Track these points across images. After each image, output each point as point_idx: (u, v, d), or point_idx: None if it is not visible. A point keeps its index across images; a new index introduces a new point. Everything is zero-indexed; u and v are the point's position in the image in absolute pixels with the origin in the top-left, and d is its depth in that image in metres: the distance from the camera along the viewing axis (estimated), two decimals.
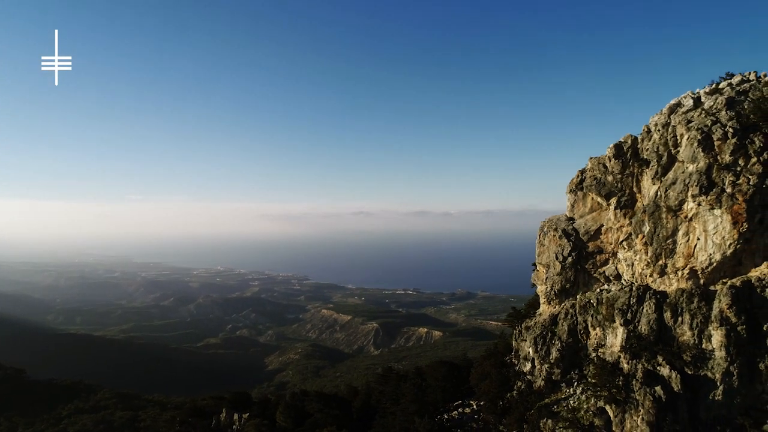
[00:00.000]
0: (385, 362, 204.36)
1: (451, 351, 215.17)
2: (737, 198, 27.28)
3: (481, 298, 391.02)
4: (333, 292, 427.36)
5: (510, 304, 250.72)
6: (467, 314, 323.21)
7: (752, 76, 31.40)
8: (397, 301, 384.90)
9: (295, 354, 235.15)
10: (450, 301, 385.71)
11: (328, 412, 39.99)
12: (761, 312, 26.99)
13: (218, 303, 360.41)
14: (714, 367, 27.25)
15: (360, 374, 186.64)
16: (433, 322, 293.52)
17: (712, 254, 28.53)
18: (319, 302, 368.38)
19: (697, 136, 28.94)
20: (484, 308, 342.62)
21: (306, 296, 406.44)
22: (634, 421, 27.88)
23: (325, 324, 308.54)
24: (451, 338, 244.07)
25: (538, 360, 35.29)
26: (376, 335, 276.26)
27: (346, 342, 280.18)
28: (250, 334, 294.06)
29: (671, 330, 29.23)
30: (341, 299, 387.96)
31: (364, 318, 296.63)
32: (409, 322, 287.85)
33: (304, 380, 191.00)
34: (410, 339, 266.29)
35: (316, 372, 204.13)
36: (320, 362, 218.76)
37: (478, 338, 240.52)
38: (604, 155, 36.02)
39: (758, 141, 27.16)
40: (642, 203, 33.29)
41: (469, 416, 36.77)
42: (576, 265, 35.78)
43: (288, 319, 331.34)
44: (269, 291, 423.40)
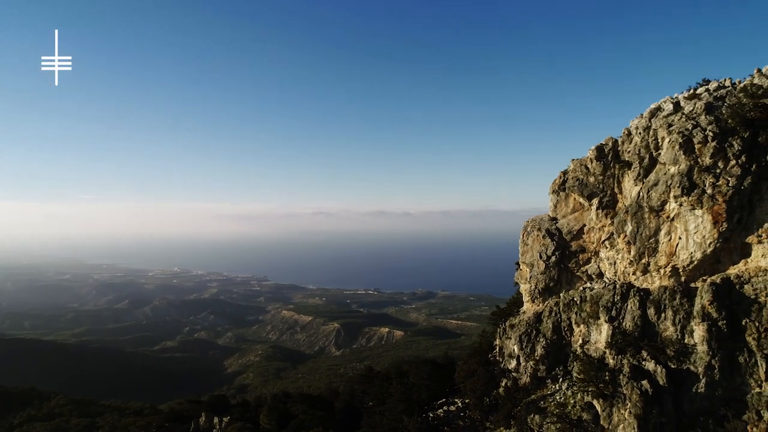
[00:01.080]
0: (347, 362, 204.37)
1: (413, 350, 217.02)
2: (717, 199, 28.53)
3: (441, 297, 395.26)
4: (293, 292, 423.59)
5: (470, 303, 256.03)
6: (428, 313, 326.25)
7: (728, 82, 32.89)
8: (358, 301, 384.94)
9: (255, 356, 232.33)
10: (411, 300, 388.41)
11: (313, 413, 39.70)
12: (740, 308, 28.31)
13: (175, 305, 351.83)
14: (696, 361, 28.41)
15: (322, 375, 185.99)
16: (394, 322, 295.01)
17: (693, 253, 29.76)
18: (280, 303, 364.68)
19: (678, 139, 30.08)
20: (444, 307, 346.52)
21: (266, 297, 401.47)
22: (621, 415, 28.78)
23: (285, 325, 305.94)
24: (413, 338, 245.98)
25: (523, 357, 35.98)
26: (337, 336, 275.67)
27: (307, 343, 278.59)
28: (209, 336, 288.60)
29: (655, 326, 30.32)
30: (302, 300, 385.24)
31: (325, 318, 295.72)
32: (371, 322, 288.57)
33: (264, 382, 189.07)
34: (372, 339, 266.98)
35: (277, 374, 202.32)
36: (281, 364, 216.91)
37: (439, 337, 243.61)
38: (586, 157, 37.05)
39: (737, 144, 28.46)
40: (623, 204, 34.40)
41: (455, 414, 37.16)
42: (559, 264, 36.67)
43: (248, 321, 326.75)
44: (228, 292, 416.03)
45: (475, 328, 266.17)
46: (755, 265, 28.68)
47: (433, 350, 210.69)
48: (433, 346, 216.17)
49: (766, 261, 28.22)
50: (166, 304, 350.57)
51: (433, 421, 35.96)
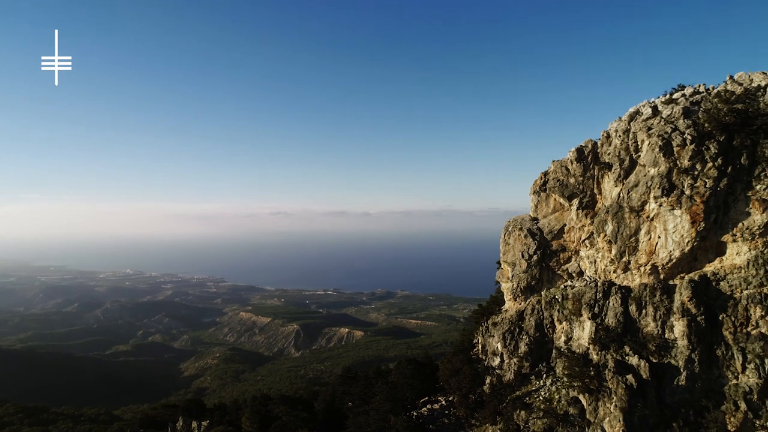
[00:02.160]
0: (307, 364, 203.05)
1: (373, 350, 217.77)
2: (695, 199, 29.83)
3: (400, 297, 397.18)
4: (251, 294, 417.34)
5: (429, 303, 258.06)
6: (387, 313, 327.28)
7: (702, 88, 34.43)
8: (317, 301, 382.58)
9: (212, 359, 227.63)
10: (370, 300, 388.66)
11: (296, 414, 39.26)
12: (717, 303, 29.70)
13: (128, 308, 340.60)
14: (677, 355, 29.61)
15: (283, 377, 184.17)
16: (354, 322, 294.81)
17: (672, 251, 31.00)
18: (237, 305, 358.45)
19: (658, 142, 31.28)
20: (403, 307, 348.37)
21: (223, 299, 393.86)
22: (607, 408, 29.69)
23: (243, 327, 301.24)
24: (373, 337, 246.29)
25: (506, 354, 36.60)
26: (296, 337, 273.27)
27: (266, 344, 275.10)
28: (164, 339, 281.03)
29: (636, 322, 31.44)
30: (260, 301, 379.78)
31: (284, 320, 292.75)
32: (330, 323, 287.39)
33: (223, 385, 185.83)
34: (331, 339, 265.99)
35: (236, 376, 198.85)
36: (240, 366, 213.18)
37: (399, 337, 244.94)
38: (566, 158, 38.03)
39: (713, 148, 29.81)
40: (603, 204, 35.49)
41: (440, 412, 37.46)
42: (541, 262, 37.49)
43: (204, 323, 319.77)
44: (183, 294, 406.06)
45: (434, 327, 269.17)
46: (730, 263, 30.13)
47: (393, 350, 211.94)
48: (393, 346, 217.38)
49: (740, 259, 29.67)
50: (119, 307, 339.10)
51: (418, 420, 36.14)
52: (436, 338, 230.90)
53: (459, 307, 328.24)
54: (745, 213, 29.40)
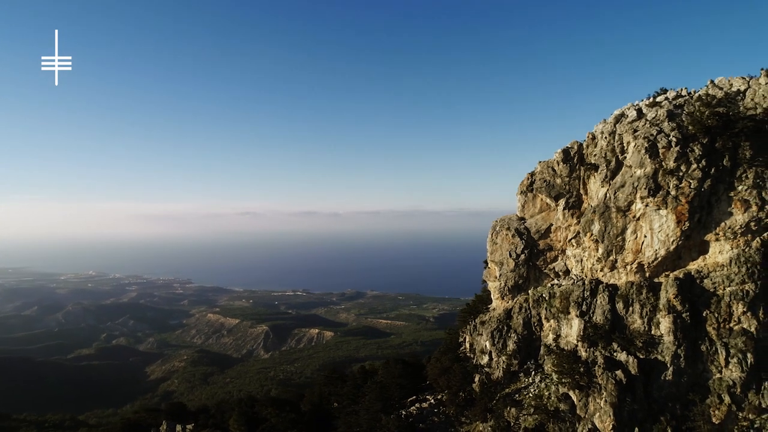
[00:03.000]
0: (277, 365, 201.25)
1: (344, 351, 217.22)
2: (681, 200, 30.79)
3: (370, 297, 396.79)
4: (219, 295, 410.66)
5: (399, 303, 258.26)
6: (357, 313, 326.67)
7: (684, 92, 35.53)
8: (286, 302, 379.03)
9: (180, 361, 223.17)
10: (340, 301, 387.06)
11: (284, 416, 38.89)
12: (700, 300, 30.71)
13: (91, 310, 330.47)
14: (664, 350, 30.49)
15: (252, 379, 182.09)
16: (324, 323, 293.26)
17: (658, 250, 31.93)
18: (204, 306, 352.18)
19: (644, 144, 32.15)
20: (373, 307, 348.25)
21: (190, 300, 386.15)
22: (597, 404, 30.37)
23: (211, 329, 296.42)
24: (343, 338, 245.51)
25: (495, 352, 37.05)
26: (266, 338, 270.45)
27: (235, 346, 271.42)
28: (129, 342, 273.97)
29: (624, 319, 32.25)
30: (228, 302, 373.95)
31: (253, 321, 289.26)
32: (300, 324, 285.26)
33: (191, 388, 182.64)
34: (301, 340, 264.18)
35: (204, 379, 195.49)
36: (208, 368, 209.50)
37: (370, 337, 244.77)
38: (553, 159, 38.74)
39: (697, 149, 30.82)
40: (589, 204, 36.28)
41: (429, 411, 37.65)
42: (528, 262, 38.11)
43: (171, 325, 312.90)
44: (149, 296, 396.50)
45: (404, 327, 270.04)
46: (713, 261, 31.20)
47: (363, 350, 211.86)
48: (364, 346, 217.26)
49: (723, 257, 30.76)
50: (81, 310, 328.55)
51: (408, 419, 36.24)
52: (406, 338, 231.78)
53: (429, 306, 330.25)
54: (728, 213, 30.47)
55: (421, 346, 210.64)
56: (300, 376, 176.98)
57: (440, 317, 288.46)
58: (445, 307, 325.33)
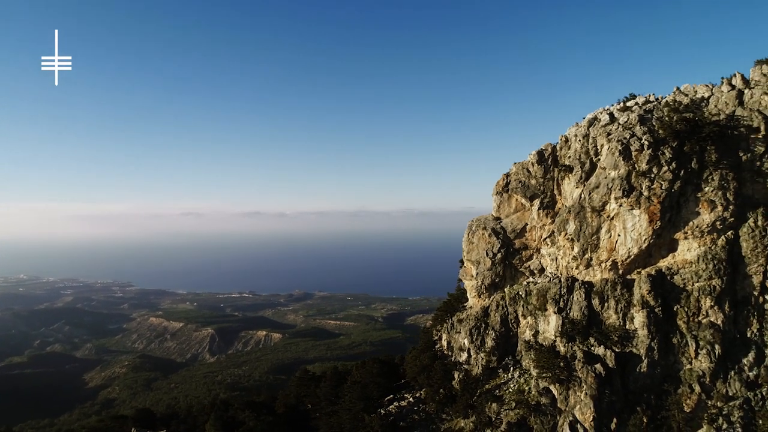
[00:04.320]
0: (224, 369, 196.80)
1: (293, 353, 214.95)
2: (653, 200, 32.37)
3: (318, 298, 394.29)
4: (161, 298, 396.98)
5: (347, 303, 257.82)
6: (306, 315, 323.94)
7: (652, 97, 37.37)
8: (232, 304, 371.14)
9: (120, 367, 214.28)
10: (288, 302, 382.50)
11: (262, 418, 38.09)
12: (671, 295, 32.41)
13: (22, 316, 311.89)
14: (638, 344, 31.96)
15: (199, 383, 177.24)
16: (271, 325, 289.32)
17: (631, 248, 33.43)
18: (146, 310, 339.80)
19: (618, 147, 33.60)
20: (322, 308, 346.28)
21: (130, 304, 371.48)
22: (577, 396, 31.48)
23: (153, 333, 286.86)
24: (291, 339, 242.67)
25: (474, 349, 37.73)
26: (211, 341, 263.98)
27: (179, 351, 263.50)
28: (65, 349, 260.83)
29: (599, 314, 33.59)
30: (171, 306, 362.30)
31: (198, 324, 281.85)
32: (247, 326, 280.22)
33: (134, 395, 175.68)
34: (249, 343, 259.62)
35: (147, 385, 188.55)
36: (151, 374, 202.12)
37: (319, 338, 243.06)
38: (527, 160, 39.82)
39: (668, 153, 32.48)
40: (564, 204, 37.53)
41: (408, 409, 37.86)
42: (504, 260, 39.03)
43: (110, 330, 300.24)
44: (86, 300, 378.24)
45: (353, 327, 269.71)
46: (682, 258, 32.96)
47: (313, 351, 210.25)
48: (313, 347, 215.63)
49: (691, 254, 32.55)
50: (11, 316, 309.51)
51: (388, 418, 36.33)
52: (355, 338, 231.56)
53: (377, 306, 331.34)
54: (695, 213, 32.28)
55: (371, 346, 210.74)
56: (248, 380, 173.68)
57: (389, 317, 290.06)
58: (394, 307, 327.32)
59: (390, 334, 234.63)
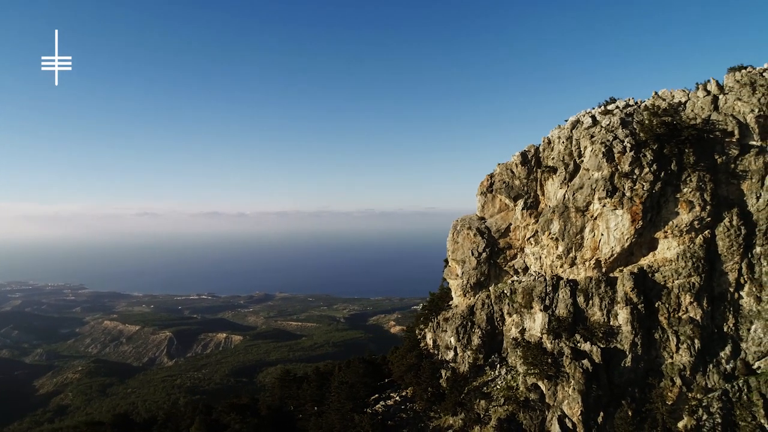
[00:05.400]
0: (183, 372, 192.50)
1: (254, 355, 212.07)
2: (635, 201, 33.50)
3: (279, 299, 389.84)
4: (116, 301, 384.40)
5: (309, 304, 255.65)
6: (267, 316, 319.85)
7: (631, 101, 38.62)
8: (191, 306, 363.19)
9: (74, 373, 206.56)
10: (248, 303, 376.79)
11: (248, 421, 37.40)
12: (652, 292, 33.62)
13: None
14: (622, 339, 33.03)
15: (157, 388, 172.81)
16: (231, 327, 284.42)
17: (614, 247, 34.50)
18: (100, 313, 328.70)
19: (601, 149, 34.61)
20: (283, 309, 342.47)
21: (83, 307, 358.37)
22: (566, 392, 32.26)
23: (108, 337, 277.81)
24: (252, 342, 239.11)
25: (460, 348, 38.15)
26: (169, 344, 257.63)
27: (135, 355, 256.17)
28: (13, 354, 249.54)
29: (584, 312, 34.52)
30: (126, 309, 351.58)
31: (155, 327, 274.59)
32: (206, 328, 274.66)
33: (88, 401, 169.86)
34: (208, 346, 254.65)
35: (102, 390, 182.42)
36: (106, 379, 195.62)
37: (280, 339, 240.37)
38: (511, 161, 40.54)
39: (649, 155, 33.67)
40: (547, 204, 38.38)
41: (396, 407, 37.91)
42: (489, 259, 39.59)
43: (62, 335, 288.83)
44: (35, 304, 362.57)
45: (315, 328, 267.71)
46: (662, 257, 34.21)
47: (274, 353, 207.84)
48: (275, 349, 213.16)
49: (671, 253, 33.83)
50: None
51: (376, 417, 36.29)
52: (318, 339, 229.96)
53: (339, 307, 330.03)
54: (675, 213, 33.59)
55: (334, 347, 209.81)
56: (209, 383, 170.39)
57: (351, 318, 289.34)
58: (356, 308, 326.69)
59: (352, 335, 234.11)
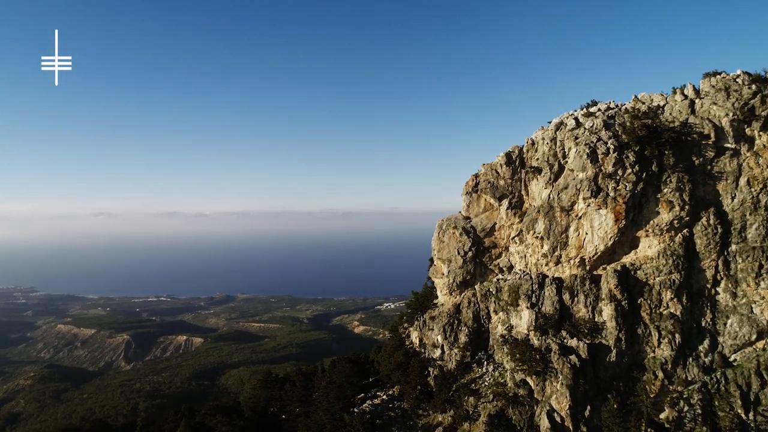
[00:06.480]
0: (143, 376, 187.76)
1: (215, 357, 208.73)
2: (618, 201, 34.58)
3: (241, 300, 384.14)
4: (70, 304, 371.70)
5: (272, 305, 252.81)
6: (228, 318, 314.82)
7: (612, 104, 39.82)
8: (149, 309, 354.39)
9: (25, 379, 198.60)
10: (208, 305, 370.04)
11: (236, 423, 36.71)
12: (635, 289, 34.77)
13: None
14: (607, 335, 34.02)
15: (115, 393, 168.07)
16: (192, 329, 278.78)
17: (598, 245, 35.51)
18: (53, 317, 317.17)
19: (585, 150, 35.59)
20: (245, 310, 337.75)
21: (35, 311, 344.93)
22: (554, 387, 33.00)
23: (62, 341, 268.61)
24: (214, 344, 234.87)
25: (447, 346, 38.53)
26: (127, 348, 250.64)
27: (91, 359, 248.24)
28: None
29: (570, 308, 35.39)
30: (81, 312, 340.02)
31: (112, 330, 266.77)
32: (166, 331, 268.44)
33: (42, 408, 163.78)
34: (168, 349, 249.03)
35: (56, 396, 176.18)
36: (61, 385, 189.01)
37: (242, 341, 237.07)
38: (496, 162, 41.20)
39: (632, 156, 34.82)
40: (531, 204, 39.19)
41: (383, 406, 37.98)
42: (475, 258, 40.11)
43: (12, 339, 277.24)
44: None
45: (278, 329, 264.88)
46: (643, 255, 35.42)
47: (236, 355, 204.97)
48: (237, 351, 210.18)
49: (652, 251, 35.06)
50: None
51: (365, 416, 36.26)
52: (281, 340, 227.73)
53: (302, 308, 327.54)
54: (655, 212, 34.84)
55: (297, 348, 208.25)
56: (170, 387, 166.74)
57: (314, 318, 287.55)
58: (319, 308, 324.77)
59: (316, 336, 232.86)
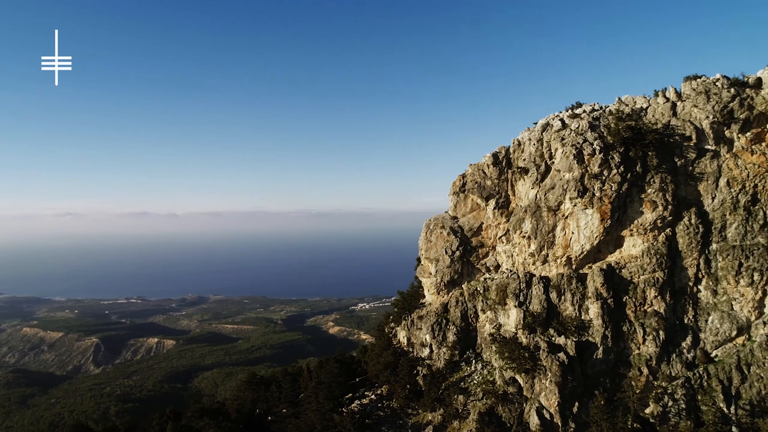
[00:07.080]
0: (113, 380, 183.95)
1: (188, 359, 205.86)
2: (604, 200, 35.25)
3: (214, 301, 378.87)
4: (36, 306, 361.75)
5: (245, 306, 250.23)
6: (200, 319, 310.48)
7: (597, 106, 40.52)
8: (119, 311, 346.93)
9: None
10: (180, 307, 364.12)
11: (223, 425, 36.12)
12: (620, 287, 35.48)
13: None
14: (594, 333, 34.63)
15: (84, 397, 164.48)
16: (163, 331, 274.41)
17: (584, 245, 36.12)
18: (18, 319, 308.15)
19: (572, 151, 36.16)
20: (218, 312, 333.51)
21: None
22: (543, 384, 33.43)
23: (28, 345, 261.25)
24: (186, 346, 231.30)
25: (435, 345, 38.69)
26: (96, 351, 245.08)
27: (58, 363, 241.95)
28: None
29: (557, 307, 35.90)
30: (47, 314, 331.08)
31: (80, 333, 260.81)
32: (136, 333, 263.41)
33: (7, 413, 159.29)
34: (138, 351, 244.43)
35: (23, 402, 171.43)
36: (27, 390, 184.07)
37: (216, 343, 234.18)
38: (483, 162, 41.54)
39: (617, 157, 35.52)
40: (518, 204, 39.62)
41: (372, 406, 37.92)
42: (462, 258, 40.37)
43: None
44: None
45: (252, 331, 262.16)
46: (628, 254, 36.17)
47: (210, 357, 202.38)
48: (210, 353, 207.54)
49: (636, 250, 35.83)
50: None
51: (355, 416, 36.13)
52: (255, 342, 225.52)
53: (276, 309, 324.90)
54: (639, 212, 35.63)
55: (272, 349, 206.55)
56: (141, 390, 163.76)
57: (289, 319, 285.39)
58: (294, 309, 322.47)
59: (290, 337, 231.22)
